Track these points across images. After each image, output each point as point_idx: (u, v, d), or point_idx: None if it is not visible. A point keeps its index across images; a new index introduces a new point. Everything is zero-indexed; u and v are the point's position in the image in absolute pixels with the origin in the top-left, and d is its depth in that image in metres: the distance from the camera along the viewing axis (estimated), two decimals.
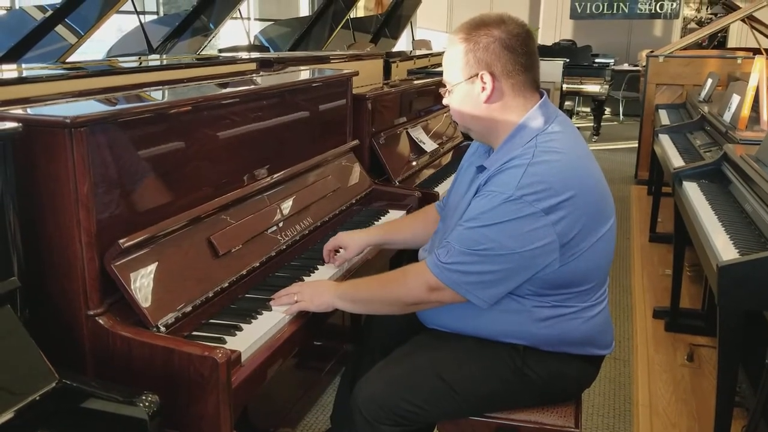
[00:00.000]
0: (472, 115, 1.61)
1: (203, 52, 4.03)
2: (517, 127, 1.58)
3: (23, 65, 2.90)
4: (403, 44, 7.41)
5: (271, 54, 4.62)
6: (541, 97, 1.61)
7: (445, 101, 1.67)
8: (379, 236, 2.01)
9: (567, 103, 8.31)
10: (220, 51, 5.46)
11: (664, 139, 4.13)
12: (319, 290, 1.69)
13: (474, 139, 1.74)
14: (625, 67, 10.00)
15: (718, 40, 9.06)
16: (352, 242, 1.96)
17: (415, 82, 3.56)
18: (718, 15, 8.52)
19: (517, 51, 1.55)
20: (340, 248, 1.98)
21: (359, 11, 9.26)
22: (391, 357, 1.70)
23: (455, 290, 1.52)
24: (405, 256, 2.57)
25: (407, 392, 1.58)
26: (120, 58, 3.51)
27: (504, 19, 1.57)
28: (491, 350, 1.62)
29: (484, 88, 1.57)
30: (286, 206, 2.09)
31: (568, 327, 1.61)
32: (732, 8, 6.99)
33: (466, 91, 1.59)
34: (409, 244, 2.03)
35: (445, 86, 1.66)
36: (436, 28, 11.12)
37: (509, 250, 1.47)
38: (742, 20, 6.27)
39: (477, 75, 1.56)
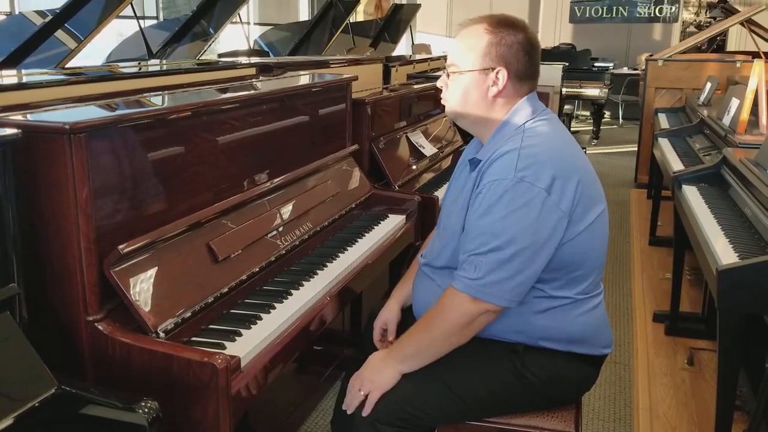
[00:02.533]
0: (476, 105, 1.64)
1: (203, 57, 4.04)
2: (506, 118, 1.64)
3: (23, 71, 2.91)
4: (402, 48, 7.42)
5: (271, 59, 4.63)
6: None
7: (442, 81, 1.67)
8: (404, 293, 1.90)
9: (566, 106, 8.31)
10: (220, 56, 5.47)
11: (664, 143, 4.13)
12: (376, 369, 1.61)
13: (460, 125, 1.74)
14: (625, 70, 10.01)
15: (717, 44, 9.07)
16: (391, 315, 1.86)
17: (415, 86, 3.57)
18: (717, 18, 8.52)
19: (533, 58, 1.62)
20: (386, 328, 1.88)
21: (359, 16, 9.28)
22: None
23: (499, 305, 1.51)
24: (406, 257, 2.58)
25: (408, 395, 1.58)
26: (120, 63, 3.52)
27: (526, 24, 1.64)
28: (491, 352, 1.63)
29: (495, 84, 1.61)
30: (286, 211, 2.09)
31: (565, 318, 1.62)
32: (731, 12, 7.00)
33: (477, 80, 1.61)
34: None
35: (443, 68, 1.66)
36: (435, 33, 11.13)
37: (527, 242, 1.49)
38: (741, 24, 6.28)
39: (493, 69, 1.60)
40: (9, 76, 2.52)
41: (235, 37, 6.07)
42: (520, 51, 1.59)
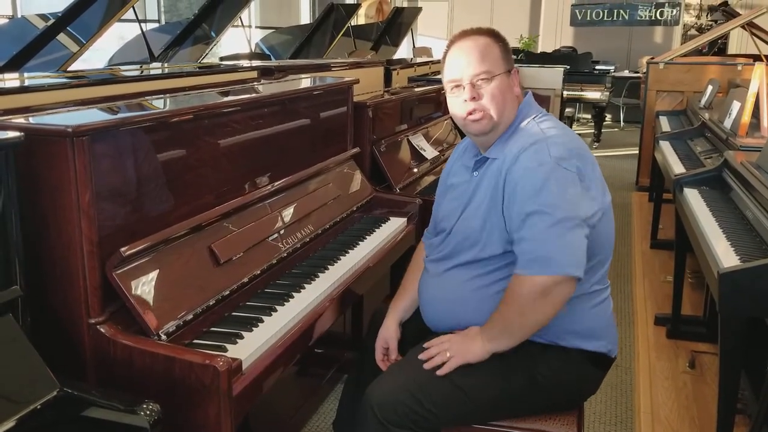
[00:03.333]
0: (512, 106, 1.71)
1: (204, 60, 4.05)
2: (517, 116, 1.73)
3: (25, 74, 2.92)
4: (403, 52, 7.43)
5: (272, 62, 4.63)
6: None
7: (471, 94, 1.67)
8: (400, 308, 1.89)
9: (568, 109, 8.30)
10: (222, 59, 5.48)
11: (665, 146, 4.13)
12: (467, 341, 1.62)
13: (484, 137, 1.73)
14: (626, 73, 10.01)
15: (719, 47, 9.07)
16: (389, 332, 1.84)
17: (416, 89, 3.57)
18: (718, 22, 8.53)
19: None
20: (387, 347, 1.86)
21: (360, 19, 9.29)
22: (405, 360, 1.71)
23: (570, 274, 1.52)
24: (407, 260, 2.57)
25: (423, 397, 1.58)
26: (121, 67, 3.52)
27: None
28: (504, 356, 1.63)
29: (516, 83, 1.72)
30: (287, 214, 2.09)
31: (581, 309, 1.65)
32: (732, 15, 7.01)
33: (507, 83, 1.70)
34: None
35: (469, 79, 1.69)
36: (436, 36, 11.15)
37: (582, 214, 1.54)
38: (742, 27, 6.28)
39: (510, 71, 1.71)
40: (11, 79, 2.53)
41: (236, 40, 6.09)
42: (510, 52, 1.75)
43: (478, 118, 1.68)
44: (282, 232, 2.03)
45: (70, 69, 2.94)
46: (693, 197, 2.77)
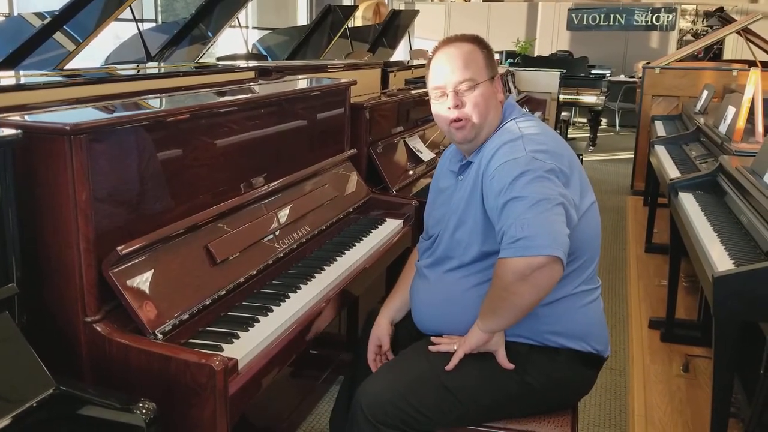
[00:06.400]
0: (495, 113, 1.72)
1: (201, 60, 4.04)
2: (501, 119, 1.75)
3: (21, 72, 2.91)
4: (400, 54, 7.44)
5: (269, 62, 4.63)
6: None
7: (454, 102, 1.68)
8: (392, 308, 1.90)
9: (563, 113, 8.32)
10: (219, 59, 5.47)
11: (660, 150, 4.15)
12: (468, 334, 1.64)
13: (468, 144, 1.74)
14: (622, 78, 10.05)
15: (714, 52, 9.12)
16: (382, 330, 1.85)
17: (413, 91, 3.57)
18: (714, 27, 8.56)
19: None
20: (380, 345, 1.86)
21: (357, 21, 9.30)
22: (396, 360, 1.72)
23: (550, 254, 1.46)
24: (403, 262, 2.57)
25: (413, 398, 1.59)
26: (118, 66, 3.52)
27: None
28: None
29: (498, 89, 1.73)
30: (284, 214, 2.09)
31: (568, 309, 1.65)
32: (728, 21, 7.03)
33: (491, 90, 1.71)
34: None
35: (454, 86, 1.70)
36: (433, 38, 11.15)
37: (559, 200, 1.52)
38: (738, 33, 6.30)
39: (494, 77, 1.72)
40: (7, 77, 2.52)
41: (233, 40, 6.08)
42: (494, 59, 1.76)
43: (462, 125, 1.70)
44: (278, 232, 2.03)
45: (66, 67, 2.93)
46: (688, 201, 2.78)
